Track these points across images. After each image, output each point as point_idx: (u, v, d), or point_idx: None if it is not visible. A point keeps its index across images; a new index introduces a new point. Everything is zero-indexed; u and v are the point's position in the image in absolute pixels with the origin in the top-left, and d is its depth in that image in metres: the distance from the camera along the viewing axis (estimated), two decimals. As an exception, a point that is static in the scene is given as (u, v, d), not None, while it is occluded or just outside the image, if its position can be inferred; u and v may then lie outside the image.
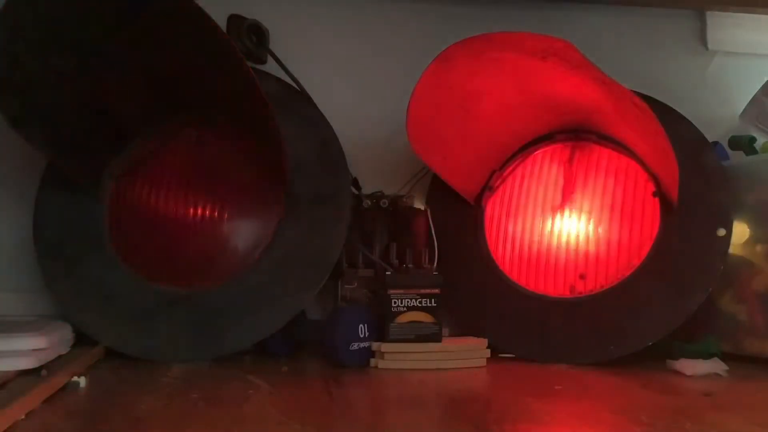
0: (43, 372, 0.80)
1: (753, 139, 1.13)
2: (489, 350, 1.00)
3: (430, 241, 1.07)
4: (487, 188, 1.16)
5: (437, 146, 1.08)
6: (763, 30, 1.33)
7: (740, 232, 1.02)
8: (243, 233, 1.05)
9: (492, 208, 1.16)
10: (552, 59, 0.94)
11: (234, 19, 1.12)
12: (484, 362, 0.99)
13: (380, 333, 0.97)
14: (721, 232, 0.99)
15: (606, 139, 1.10)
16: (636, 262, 1.03)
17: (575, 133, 1.13)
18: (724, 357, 0.95)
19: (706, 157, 1.05)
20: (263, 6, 1.18)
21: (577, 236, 1.09)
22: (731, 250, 1.00)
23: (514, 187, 1.16)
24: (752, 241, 1.02)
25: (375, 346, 0.96)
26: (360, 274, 1.06)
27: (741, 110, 1.24)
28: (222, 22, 1.11)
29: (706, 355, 0.95)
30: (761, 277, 1.01)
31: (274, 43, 1.16)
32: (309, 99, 1.11)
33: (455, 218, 1.14)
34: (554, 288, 1.08)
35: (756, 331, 1.01)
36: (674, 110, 1.09)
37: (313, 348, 1.03)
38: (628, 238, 1.05)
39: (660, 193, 1.04)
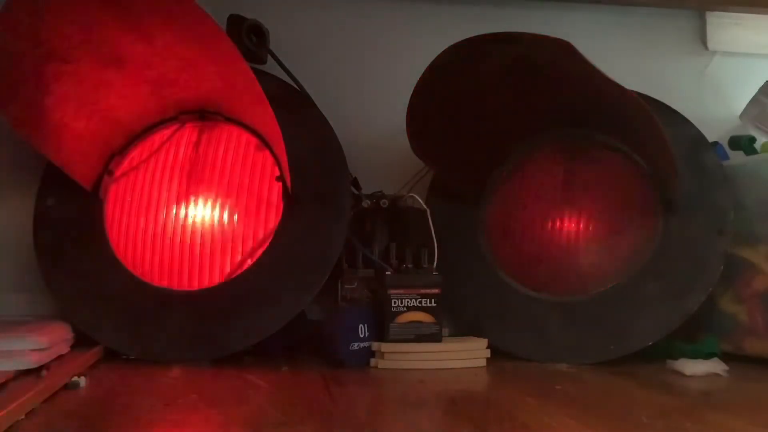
0: (43, 372, 0.80)
1: (753, 139, 1.13)
2: (489, 350, 1.00)
3: (430, 241, 1.07)
4: (486, 188, 1.16)
5: (437, 146, 1.08)
6: (763, 30, 1.33)
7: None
8: (243, 233, 1.05)
9: (491, 208, 1.16)
10: (550, 59, 0.94)
11: (234, 19, 1.12)
12: (484, 362, 0.99)
13: (380, 333, 0.97)
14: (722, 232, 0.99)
15: (606, 139, 1.10)
16: (636, 263, 1.03)
17: (574, 133, 1.13)
18: (724, 357, 0.95)
19: (706, 157, 1.05)
20: (263, 6, 1.18)
21: (577, 236, 1.09)
22: (731, 250, 1.00)
23: (513, 187, 1.16)
24: (752, 241, 1.02)
25: (375, 346, 0.96)
26: (360, 274, 1.06)
27: (741, 110, 1.24)
28: (222, 22, 1.11)
29: (706, 355, 0.95)
30: (761, 277, 1.01)
31: (274, 43, 1.16)
32: (309, 99, 1.11)
33: (455, 218, 1.14)
34: (553, 288, 1.08)
35: (756, 331, 1.01)
36: (674, 110, 1.09)
37: (313, 348, 1.03)
38: (628, 238, 1.05)
39: (659, 193, 1.04)
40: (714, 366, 0.92)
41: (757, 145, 1.13)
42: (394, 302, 0.98)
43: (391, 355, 0.95)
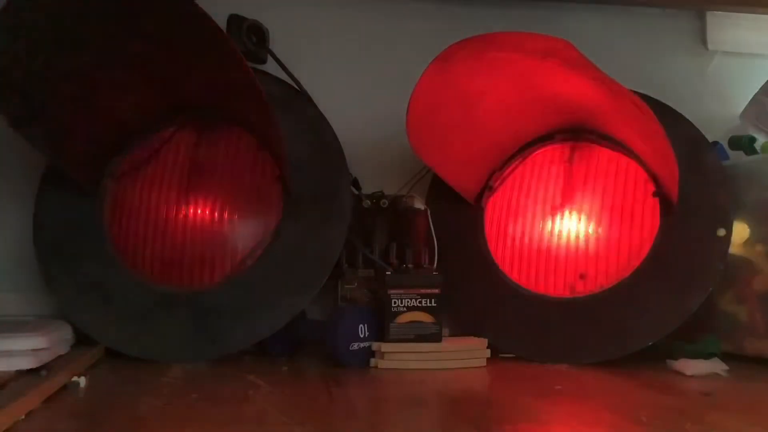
0: (43, 372, 0.80)
1: (753, 139, 1.13)
2: (489, 350, 1.00)
3: (430, 241, 1.07)
4: (487, 188, 1.16)
5: (437, 146, 1.08)
6: (763, 30, 1.33)
7: (740, 231, 1.02)
8: (243, 233, 1.05)
9: (492, 208, 1.16)
10: (552, 59, 0.94)
11: (234, 19, 1.12)
12: (484, 362, 0.99)
13: (380, 333, 0.97)
14: (721, 232, 0.99)
15: (606, 139, 1.10)
16: (636, 262, 1.03)
17: (575, 133, 1.13)
18: (724, 357, 0.95)
19: (706, 157, 1.05)
20: (263, 6, 1.18)
21: (577, 236, 1.09)
22: (731, 250, 1.00)
23: (514, 187, 1.16)
24: (752, 241, 1.02)
25: (375, 346, 0.96)
26: (360, 274, 1.06)
27: (741, 110, 1.24)
28: (222, 22, 1.11)
29: (706, 355, 0.95)
30: (761, 277, 1.01)
31: (274, 43, 1.16)
32: (309, 99, 1.11)
33: (455, 218, 1.14)
34: (554, 288, 1.08)
35: (756, 331, 1.01)
36: (674, 110, 1.08)
37: (313, 348, 1.04)
38: (628, 238, 1.05)
39: (660, 193, 1.04)
40: (714, 366, 0.92)
41: (757, 145, 1.13)
42: (394, 302, 0.98)
43: (391, 355, 0.95)
